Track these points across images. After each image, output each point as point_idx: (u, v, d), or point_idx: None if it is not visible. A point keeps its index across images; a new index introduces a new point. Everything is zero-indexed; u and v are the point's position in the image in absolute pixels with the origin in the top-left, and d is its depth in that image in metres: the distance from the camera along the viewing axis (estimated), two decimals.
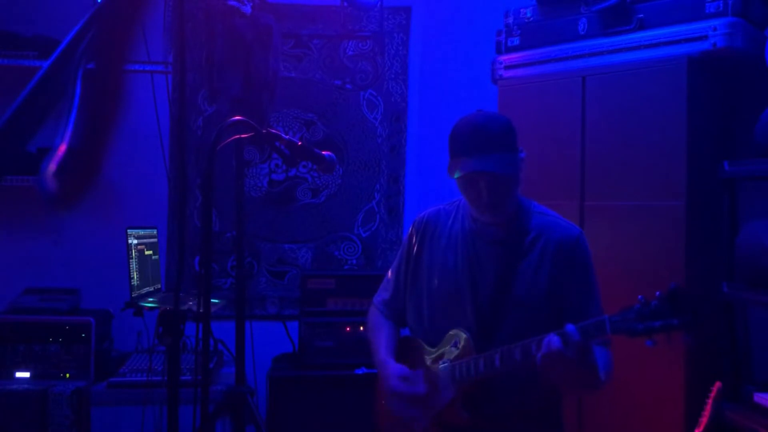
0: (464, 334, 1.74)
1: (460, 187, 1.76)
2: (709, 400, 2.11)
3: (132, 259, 2.97)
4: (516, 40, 2.94)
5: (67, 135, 0.70)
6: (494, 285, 1.76)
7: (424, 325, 1.87)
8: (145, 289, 3.09)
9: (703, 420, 2.09)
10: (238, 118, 1.99)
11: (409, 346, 1.92)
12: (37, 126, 0.73)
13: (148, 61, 3.34)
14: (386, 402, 1.85)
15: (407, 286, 1.94)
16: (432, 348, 1.83)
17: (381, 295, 2.06)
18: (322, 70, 3.75)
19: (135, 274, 2.97)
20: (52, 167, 0.69)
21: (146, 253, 3.16)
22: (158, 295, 3.18)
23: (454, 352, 1.76)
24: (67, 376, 2.83)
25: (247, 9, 2.71)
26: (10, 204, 3.41)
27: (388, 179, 3.79)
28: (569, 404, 2.58)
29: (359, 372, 3.08)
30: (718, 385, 2.13)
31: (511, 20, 2.98)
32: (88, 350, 2.86)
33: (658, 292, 1.42)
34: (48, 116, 0.73)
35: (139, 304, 2.85)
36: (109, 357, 3.00)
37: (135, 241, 3.02)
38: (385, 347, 1.93)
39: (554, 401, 1.83)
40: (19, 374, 2.82)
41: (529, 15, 2.92)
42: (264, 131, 2.02)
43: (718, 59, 2.40)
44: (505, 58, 2.96)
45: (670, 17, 2.46)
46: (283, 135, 2.07)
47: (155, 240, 3.31)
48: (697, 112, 2.43)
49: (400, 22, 3.80)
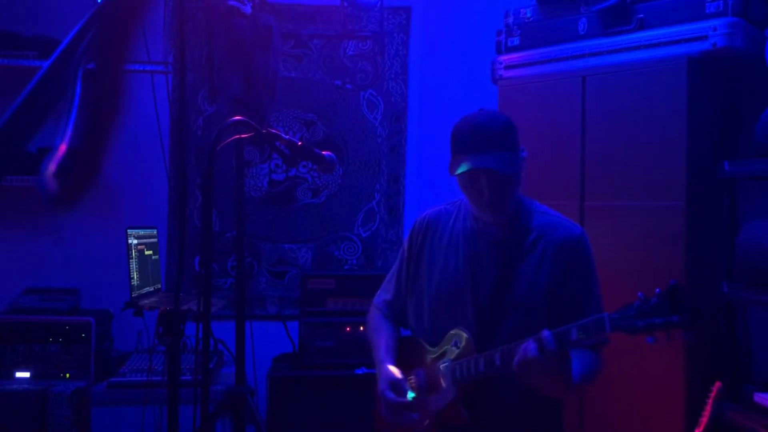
0: (465, 334, 1.74)
1: (461, 185, 1.76)
2: (709, 400, 2.11)
3: (132, 259, 2.97)
4: (516, 40, 2.94)
5: (67, 135, 0.70)
6: (495, 285, 1.76)
7: (425, 325, 1.87)
8: (145, 289, 3.09)
9: (703, 420, 2.09)
10: (238, 118, 1.99)
11: (410, 346, 1.92)
12: (37, 126, 0.73)
13: (148, 61, 3.34)
14: (377, 404, 1.86)
15: (408, 287, 1.95)
16: (433, 348, 1.83)
17: (381, 295, 2.06)
18: (322, 70, 3.75)
19: (135, 274, 2.97)
20: (52, 167, 0.69)
21: (146, 253, 3.16)
22: (158, 295, 3.18)
23: (454, 352, 1.76)
24: (67, 376, 2.83)
25: (247, 9, 2.71)
26: (10, 204, 3.41)
27: (388, 179, 3.79)
28: (570, 404, 2.58)
29: (359, 372, 3.08)
30: (718, 385, 2.13)
31: (511, 20, 2.98)
32: (88, 350, 2.86)
33: (657, 289, 1.41)
34: (48, 116, 0.73)
35: (138, 304, 2.85)
36: (109, 357, 3.00)
37: (135, 241, 3.02)
38: (385, 348, 1.93)
39: (555, 400, 1.83)
40: (19, 374, 2.82)
41: (529, 15, 2.92)
42: (264, 131, 2.02)
43: (718, 59, 2.40)
44: (505, 58, 2.96)
45: (670, 17, 2.46)
46: (283, 135, 2.07)
47: (155, 240, 3.31)
48: (697, 112, 2.43)
49: (400, 22, 3.80)
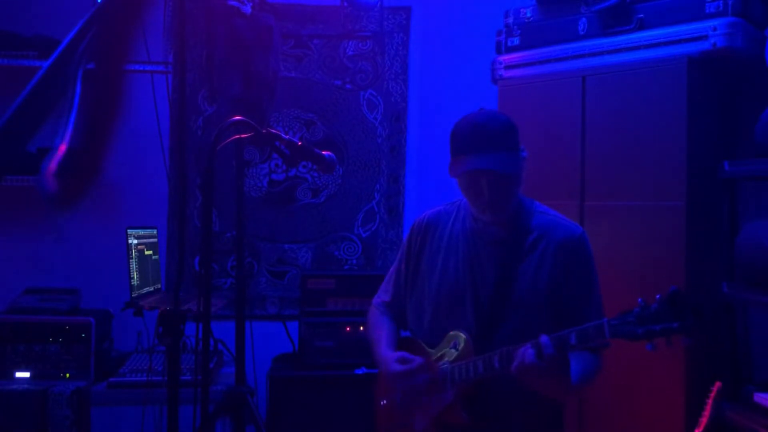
0: (464, 336, 1.74)
1: (461, 185, 1.75)
2: (709, 400, 2.11)
3: (132, 259, 2.97)
4: (516, 40, 2.94)
5: (67, 135, 0.70)
6: (495, 286, 1.75)
7: (425, 327, 1.86)
8: (145, 289, 3.09)
9: (703, 420, 2.09)
10: (238, 118, 1.99)
11: (410, 348, 1.90)
12: (37, 126, 0.73)
13: (148, 61, 3.34)
14: (388, 386, 1.84)
15: (408, 288, 1.94)
16: (432, 349, 1.82)
17: (381, 296, 2.05)
18: (322, 70, 3.75)
19: (135, 274, 2.97)
20: (52, 167, 0.69)
21: (146, 253, 3.16)
22: (158, 295, 3.18)
23: (453, 354, 1.75)
24: (67, 376, 2.83)
25: (247, 9, 2.71)
26: (10, 204, 3.41)
27: (388, 179, 3.79)
28: (570, 404, 2.58)
29: (359, 372, 3.08)
30: (718, 385, 2.13)
31: (511, 20, 2.98)
32: (88, 350, 2.86)
33: (658, 295, 1.40)
34: (48, 116, 0.73)
35: (138, 304, 2.85)
36: (109, 357, 3.00)
37: (135, 241, 3.02)
38: (386, 342, 1.91)
39: (555, 402, 1.82)
40: (19, 374, 2.82)
41: (529, 15, 2.92)
42: (264, 131, 2.02)
43: (718, 59, 2.40)
44: (505, 58, 2.96)
45: (670, 17, 2.46)
46: (283, 135, 2.07)
47: (155, 240, 3.31)
48: (697, 112, 2.43)
49: (400, 22, 3.80)
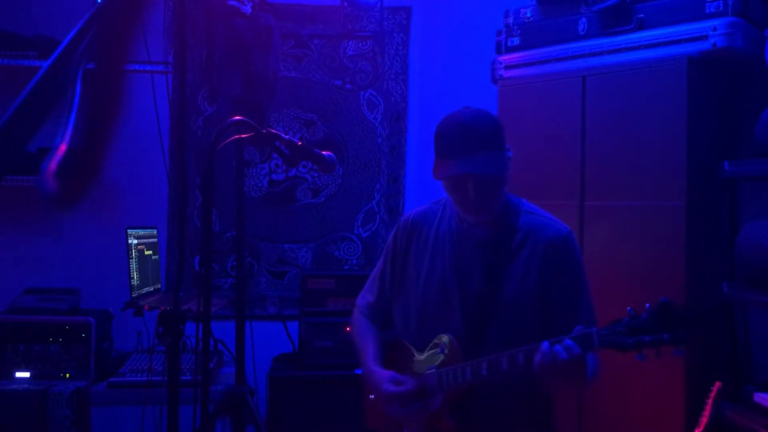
0: (451, 339, 1.71)
1: (446, 187, 1.72)
2: (709, 400, 2.11)
3: (132, 259, 2.97)
4: (516, 40, 2.94)
5: (67, 135, 0.70)
6: (482, 287, 1.72)
7: (411, 329, 1.82)
8: (145, 289, 3.09)
9: (703, 420, 2.09)
10: (238, 118, 1.99)
11: (397, 350, 1.87)
12: (37, 126, 0.73)
13: (148, 61, 3.34)
14: (384, 408, 1.82)
15: (393, 289, 1.90)
16: (420, 353, 1.79)
17: (365, 297, 2.01)
18: (322, 70, 3.75)
19: (135, 274, 2.97)
20: (52, 167, 0.69)
21: (146, 253, 3.16)
22: (158, 295, 3.18)
23: (440, 358, 1.72)
24: (67, 376, 2.83)
25: (247, 9, 2.71)
26: (10, 204, 3.41)
27: (388, 179, 3.79)
28: (569, 404, 2.58)
29: (359, 372, 3.07)
30: (718, 385, 2.13)
31: (511, 20, 2.98)
32: (88, 350, 2.86)
33: (648, 305, 1.39)
34: (48, 116, 0.73)
35: (138, 304, 2.85)
36: (109, 357, 3.00)
37: (135, 241, 3.02)
38: (372, 355, 1.89)
39: (545, 406, 1.79)
40: (19, 374, 2.82)
41: (529, 15, 2.92)
42: (264, 131, 2.02)
43: (718, 59, 2.40)
44: (505, 58, 2.96)
45: (670, 17, 2.46)
46: (283, 135, 2.07)
47: (155, 240, 3.31)
48: (697, 112, 2.43)
49: (400, 22, 3.80)
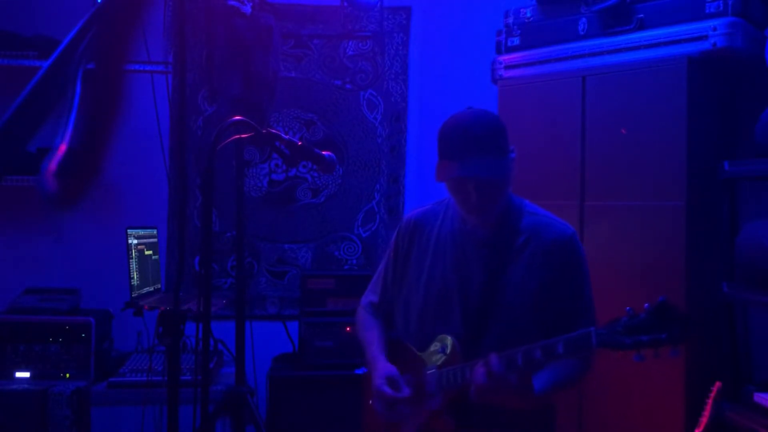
0: (451, 340, 1.71)
1: (449, 189, 1.72)
2: (709, 400, 2.11)
3: (132, 259, 2.97)
4: (516, 40, 2.94)
5: (67, 135, 0.70)
6: (483, 288, 1.72)
7: (412, 329, 1.83)
8: (145, 289, 3.09)
9: (703, 420, 2.09)
10: (238, 118, 1.99)
11: (398, 350, 1.88)
12: (37, 126, 0.73)
13: (148, 61, 3.34)
14: (372, 401, 1.82)
15: (395, 289, 1.90)
16: (420, 352, 1.79)
17: (368, 296, 2.02)
18: (322, 70, 3.75)
19: (135, 274, 2.97)
20: (52, 167, 0.69)
21: (146, 253, 3.16)
22: (158, 295, 3.18)
23: (441, 358, 1.72)
24: (67, 376, 2.83)
25: (247, 9, 2.71)
26: (10, 204, 3.41)
27: (388, 179, 3.79)
28: (570, 404, 2.58)
29: (359, 372, 3.07)
30: (718, 385, 2.13)
31: (511, 20, 2.98)
32: (88, 350, 2.86)
33: (646, 305, 1.39)
34: (48, 116, 0.73)
35: (138, 304, 2.85)
36: (109, 357, 3.00)
37: (135, 241, 3.02)
38: (377, 345, 1.89)
39: (545, 407, 1.79)
40: (19, 374, 2.82)
41: (529, 15, 2.92)
42: (264, 131, 2.02)
43: (718, 59, 2.40)
44: (505, 58, 2.96)
45: (670, 17, 2.46)
46: (283, 135, 2.07)
47: (155, 240, 3.31)
48: (697, 112, 2.43)
49: (400, 22, 3.80)
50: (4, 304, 3.03)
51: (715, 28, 2.34)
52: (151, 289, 3.17)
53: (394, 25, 3.79)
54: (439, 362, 1.72)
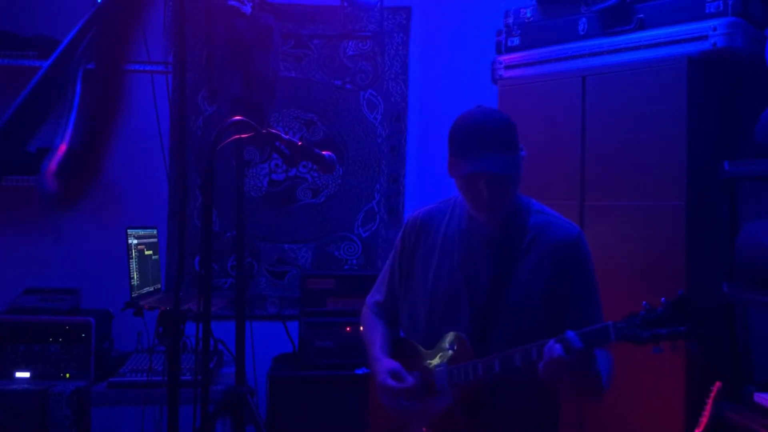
0: (461, 336, 1.72)
1: (459, 186, 1.73)
2: (709, 400, 2.11)
3: (132, 259, 2.97)
4: (516, 40, 2.94)
5: (67, 135, 0.70)
6: (490, 287, 1.72)
7: (420, 328, 1.83)
8: (145, 289, 3.09)
9: (703, 420, 2.09)
10: (238, 118, 1.99)
11: (405, 348, 1.88)
12: (37, 126, 0.73)
13: (148, 61, 3.34)
14: (377, 396, 1.82)
15: (401, 288, 1.91)
16: (428, 350, 1.80)
17: (374, 296, 2.02)
18: (322, 70, 3.75)
19: (135, 274, 2.97)
20: (52, 167, 0.69)
21: (146, 253, 3.16)
22: (158, 295, 3.18)
23: (450, 355, 1.73)
24: (67, 376, 2.83)
25: (247, 9, 2.71)
26: (10, 204, 3.41)
27: (388, 179, 3.79)
28: (569, 404, 2.58)
29: (359, 372, 3.08)
30: (718, 385, 2.13)
31: (511, 20, 2.98)
32: (88, 350, 2.86)
33: (663, 299, 1.40)
34: (48, 116, 0.73)
35: (138, 304, 2.85)
36: (109, 357, 3.00)
37: (135, 241, 3.02)
38: (380, 346, 1.90)
39: (551, 404, 1.80)
40: (19, 374, 2.82)
41: (529, 15, 2.92)
42: (264, 131, 2.02)
43: (718, 59, 2.40)
44: (505, 58, 2.96)
45: (670, 17, 2.46)
46: (283, 135, 2.07)
47: (155, 240, 3.31)
48: (697, 112, 2.43)
49: (400, 22, 3.80)
50: (4, 304, 3.03)
51: (715, 28, 2.34)
52: (151, 289, 3.17)
53: (394, 25, 3.79)
54: (448, 359, 1.73)
